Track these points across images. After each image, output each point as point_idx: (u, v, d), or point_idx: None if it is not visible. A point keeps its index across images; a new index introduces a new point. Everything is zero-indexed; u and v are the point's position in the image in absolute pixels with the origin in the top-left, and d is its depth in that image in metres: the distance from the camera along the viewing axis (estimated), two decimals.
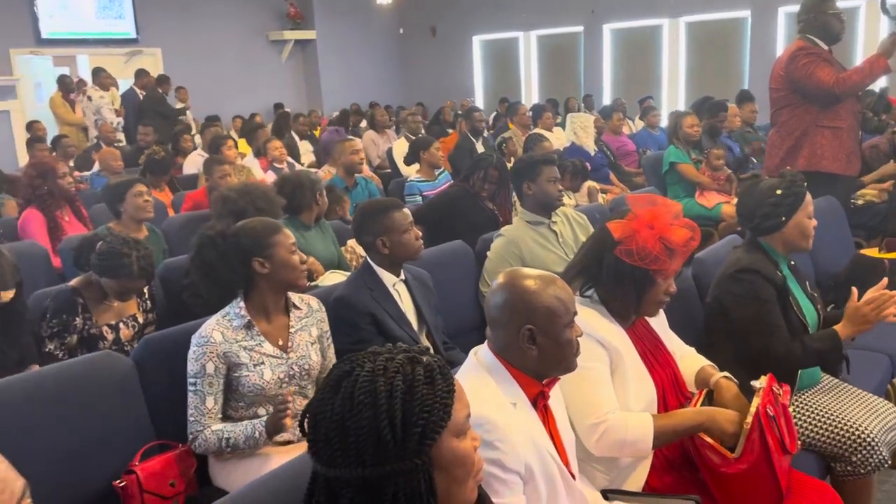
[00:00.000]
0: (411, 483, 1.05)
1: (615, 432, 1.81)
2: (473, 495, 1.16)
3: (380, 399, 1.04)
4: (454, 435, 1.10)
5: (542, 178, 3.20)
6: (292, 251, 2.21)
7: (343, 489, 1.05)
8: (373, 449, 1.03)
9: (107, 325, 2.70)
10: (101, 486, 2.05)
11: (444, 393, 1.08)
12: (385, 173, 6.75)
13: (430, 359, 1.12)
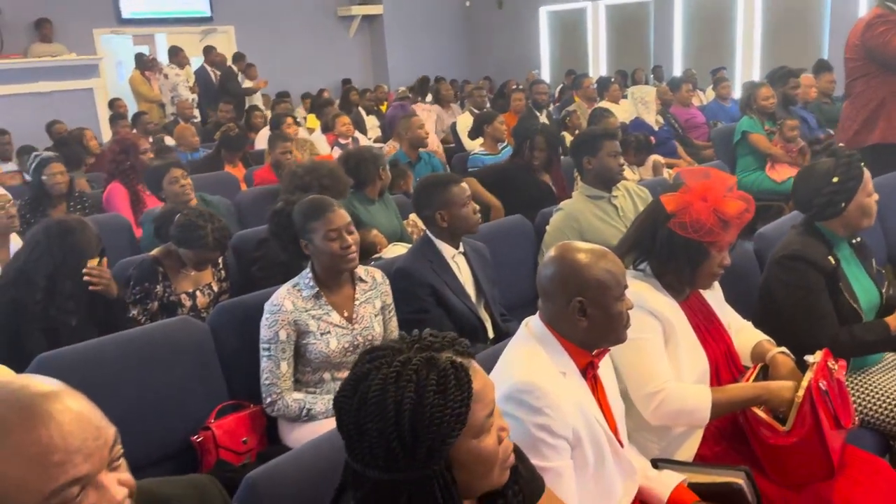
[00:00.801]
0: (424, 489, 1.06)
1: (673, 402, 1.83)
2: (501, 480, 1.17)
3: (388, 412, 1.04)
4: (473, 436, 1.10)
5: (602, 153, 3.20)
6: (332, 238, 2.22)
7: (362, 484, 1.10)
8: (384, 457, 1.05)
9: (185, 293, 2.87)
10: (180, 441, 2.22)
11: (457, 402, 1.06)
12: (449, 147, 6.80)
13: (448, 360, 1.10)
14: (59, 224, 2.54)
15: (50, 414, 0.87)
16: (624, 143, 4.89)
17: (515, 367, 1.55)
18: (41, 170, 4.01)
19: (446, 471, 1.08)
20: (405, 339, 1.15)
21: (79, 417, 0.89)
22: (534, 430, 1.47)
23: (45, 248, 2.48)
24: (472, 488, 1.13)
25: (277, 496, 1.42)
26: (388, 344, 1.16)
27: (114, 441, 0.92)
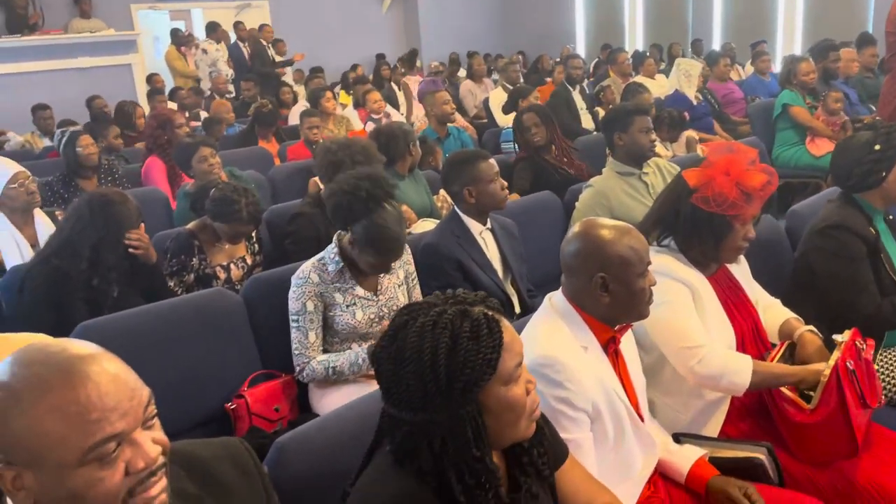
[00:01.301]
0: (457, 429, 1.13)
1: (715, 360, 1.82)
2: (529, 432, 1.23)
3: (425, 355, 1.12)
4: (502, 383, 1.16)
5: (633, 129, 3.17)
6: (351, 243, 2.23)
7: (400, 427, 1.16)
8: (420, 398, 1.13)
9: (219, 266, 2.94)
10: (214, 408, 2.30)
11: (489, 348, 1.13)
12: (481, 123, 6.79)
13: (482, 310, 1.17)
14: (101, 197, 2.61)
15: (88, 375, 0.92)
16: (657, 119, 4.85)
17: (537, 342, 1.58)
18: (73, 143, 4.11)
19: (478, 414, 1.14)
20: (439, 296, 1.22)
21: (115, 378, 0.94)
22: (554, 402, 1.50)
23: (88, 220, 2.55)
24: (501, 435, 1.19)
25: (305, 460, 1.47)
26: (424, 300, 1.23)
27: (148, 401, 0.98)
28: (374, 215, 2.16)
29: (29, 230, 3.18)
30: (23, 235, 3.14)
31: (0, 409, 0.90)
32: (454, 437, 1.13)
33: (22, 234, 3.14)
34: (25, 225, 3.18)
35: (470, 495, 1.14)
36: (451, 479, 1.13)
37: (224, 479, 1.14)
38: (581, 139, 4.94)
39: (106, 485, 0.91)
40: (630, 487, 1.63)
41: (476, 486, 1.14)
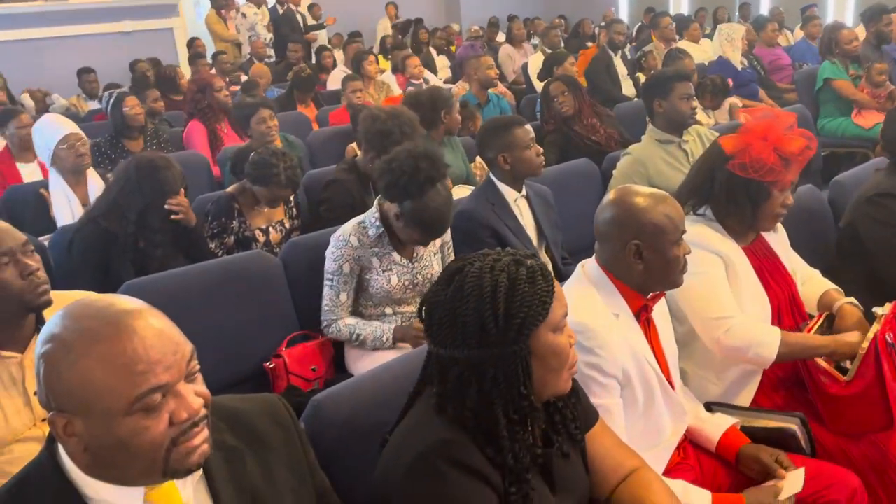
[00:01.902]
0: (509, 366, 1.19)
1: (741, 332, 1.82)
2: (567, 385, 1.28)
3: (485, 292, 1.18)
4: (551, 330, 1.22)
5: (674, 95, 3.12)
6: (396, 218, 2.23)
7: (451, 367, 1.21)
8: (477, 335, 1.18)
9: (258, 229, 3.00)
10: (253, 367, 2.37)
11: (544, 292, 1.20)
12: (519, 89, 6.72)
13: (534, 262, 1.24)
14: (148, 162, 2.67)
15: (134, 329, 0.96)
16: (700, 86, 4.74)
17: (569, 308, 1.58)
18: (120, 104, 4.19)
19: (527, 355, 1.20)
20: (489, 250, 1.28)
21: (160, 333, 0.98)
22: (584, 368, 1.52)
23: (135, 185, 2.61)
24: (543, 383, 1.24)
25: (340, 417, 1.52)
26: (475, 253, 1.28)
27: (190, 356, 1.02)
28: (426, 197, 2.15)
29: (81, 189, 3.28)
30: (75, 194, 3.24)
31: (52, 359, 0.95)
32: (505, 373, 1.19)
33: (74, 193, 3.24)
34: (78, 184, 3.29)
35: (511, 431, 1.20)
36: (497, 414, 1.18)
37: (263, 433, 1.19)
38: (621, 106, 4.86)
39: (151, 433, 0.96)
40: (659, 453, 1.64)
41: (519, 422, 1.20)
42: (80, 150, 3.25)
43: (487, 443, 1.20)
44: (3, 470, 1.66)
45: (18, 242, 1.63)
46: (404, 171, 2.16)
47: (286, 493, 1.16)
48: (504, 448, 1.19)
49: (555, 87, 3.95)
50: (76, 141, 3.24)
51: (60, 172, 3.25)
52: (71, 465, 1.00)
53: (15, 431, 1.65)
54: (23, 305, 1.63)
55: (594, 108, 4.12)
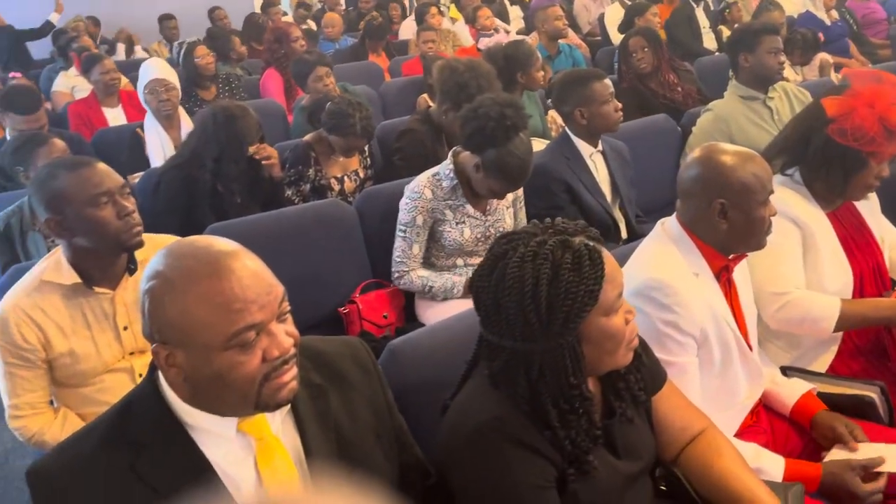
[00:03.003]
0: (556, 359, 1.15)
1: (797, 307, 1.80)
2: (626, 360, 1.24)
3: (526, 286, 1.13)
4: (603, 314, 1.17)
5: (761, 49, 2.99)
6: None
7: (498, 353, 1.20)
8: (521, 328, 1.14)
9: (334, 178, 3.05)
10: (328, 312, 2.44)
11: (591, 279, 1.13)
12: (595, 41, 6.53)
13: (583, 242, 1.16)
14: (224, 111, 2.74)
15: (231, 269, 1.00)
16: (789, 40, 4.52)
17: (647, 265, 1.58)
18: (191, 54, 4.28)
19: (577, 344, 1.16)
20: (538, 226, 1.22)
21: (254, 274, 1.02)
22: (661, 325, 1.51)
23: (212, 133, 2.69)
24: (598, 363, 1.21)
25: (415, 364, 1.56)
26: (523, 229, 1.23)
27: (282, 297, 1.06)
28: (511, 144, 2.14)
29: (174, 132, 3.41)
30: (168, 136, 3.37)
31: (156, 294, 1.00)
32: (552, 367, 1.15)
33: (168, 135, 3.37)
34: (171, 127, 3.42)
35: (564, 420, 1.17)
36: (547, 405, 1.16)
37: (345, 373, 1.23)
38: (701, 60, 4.68)
39: (245, 368, 1.01)
40: (732, 415, 1.63)
41: (570, 412, 1.17)
42: (161, 95, 3.36)
43: (544, 426, 1.18)
44: (96, 398, 1.78)
45: (117, 184, 1.69)
46: (490, 118, 2.14)
47: (367, 430, 1.21)
48: (559, 435, 1.17)
49: (634, 41, 3.77)
50: (158, 86, 3.35)
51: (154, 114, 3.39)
52: (171, 393, 1.07)
53: (106, 363, 1.76)
54: (118, 245, 1.71)
55: (672, 63, 3.97)
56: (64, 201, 1.64)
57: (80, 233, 1.66)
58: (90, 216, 1.64)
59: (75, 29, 6.01)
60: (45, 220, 1.66)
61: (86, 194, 1.64)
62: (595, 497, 1.21)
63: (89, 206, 1.64)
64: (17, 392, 1.71)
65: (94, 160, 1.72)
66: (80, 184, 1.64)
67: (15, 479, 2.62)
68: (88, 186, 1.64)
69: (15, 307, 1.67)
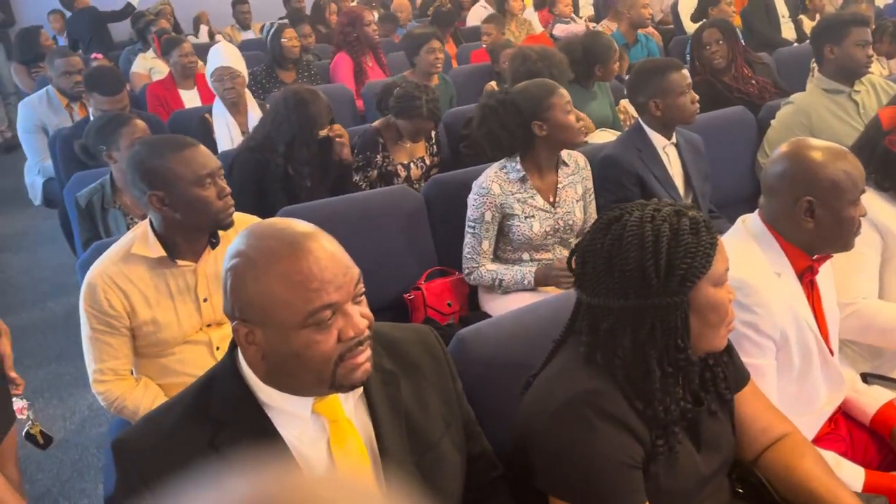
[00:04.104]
0: (669, 318, 1.15)
1: (863, 317, 1.75)
2: (723, 342, 1.23)
3: (647, 241, 1.14)
4: (712, 284, 1.17)
5: (848, 41, 2.87)
6: (568, 111, 2.30)
7: (605, 316, 1.19)
8: (637, 284, 1.15)
9: (401, 164, 3.06)
10: (394, 297, 2.46)
11: (708, 244, 1.15)
12: (667, 29, 6.37)
13: (696, 213, 1.19)
14: (295, 95, 2.77)
15: (310, 249, 1.02)
16: (878, 30, 4.30)
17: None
18: (279, 35, 4.34)
19: (687, 308, 1.16)
20: (644, 202, 1.24)
21: (332, 255, 1.04)
22: (740, 326, 1.46)
23: (283, 116, 2.73)
24: (699, 338, 1.20)
25: (483, 353, 1.55)
26: (631, 203, 1.24)
27: (358, 279, 1.07)
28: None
29: (241, 117, 3.48)
30: (235, 121, 3.45)
31: (238, 273, 1.02)
32: (663, 325, 1.16)
33: (234, 120, 3.45)
34: (238, 113, 3.49)
35: (665, 384, 1.17)
36: (652, 365, 1.16)
37: (416, 360, 1.24)
38: (780, 51, 4.51)
39: (322, 347, 1.02)
40: (810, 421, 1.58)
41: (672, 375, 1.17)
42: (226, 83, 3.42)
43: (637, 395, 1.18)
44: (175, 368, 1.84)
45: (217, 166, 1.76)
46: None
47: (436, 418, 1.21)
48: (655, 400, 1.17)
49: (709, 33, 3.61)
50: (224, 74, 3.41)
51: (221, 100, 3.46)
52: (249, 372, 1.09)
53: (185, 333, 1.82)
54: (214, 223, 1.77)
55: (747, 55, 3.83)
56: (170, 179, 1.70)
57: (180, 209, 1.73)
58: (195, 195, 1.71)
59: (160, 12, 6.17)
60: (149, 196, 1.72)
61: (193, 174, 1.70)
62: (674, 483, 1.21)
63: (195, 186, 1.71)
64: (102, 357, 1.78)
65: (196, 142, 1.77)
66: (188, 164, 1.70)
67: (90, 445, 2.74)
68: (195, 167, 1.71)
69: (102, 274, 1.75)
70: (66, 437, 2.79)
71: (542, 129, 2.29)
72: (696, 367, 1.22)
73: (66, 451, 2.71)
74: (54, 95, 4.05)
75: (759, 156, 3.09)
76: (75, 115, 4.04)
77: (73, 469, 2.62)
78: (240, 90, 3.48)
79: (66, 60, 3.99)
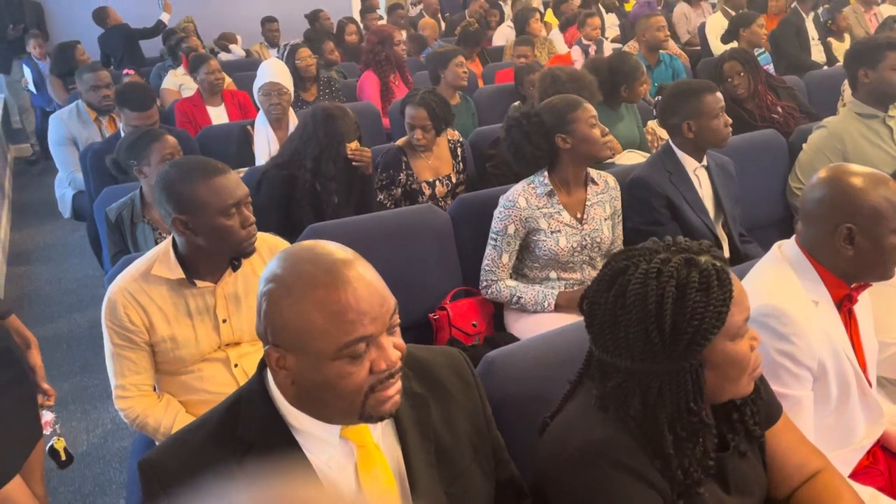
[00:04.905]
0: (677, 381, 1.09)
1: None
2: (748, 389, 1.16)
3: (650, 303, 1.07)
4: (728, 338, 1.10)
5: (883, 65, 2.83)
6: (592, 125, 2.29)
7: (612, 374, 1.13)
8: (641, 347, 1.08)
9: (425, 182, 3.06)
10: (419, 317, 2.44)
11: (720, 301, 1.07)
12: (694, 50, 6.35)
13: (710, 262, 1.10)
14: (324, 111, 2.78)
15: (348, 279, 1.00)
16: None
17: (763, 290, 1.49)
18: (293, 56, 4.39)
19: (699, 368, 1.09)
20: (658, 243, 1.16)
21: (369, 285, 1.02)
22: (776, 355, 1.43)
23: (311, 132, 2.74)
24: (719, 391, 1.14)
25: (511, 377, 1.53)
26: (642, 245, 1.17)
27: (394, 310, 1.05)
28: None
29: (282, 133, 3.53)
30: (275, 135, 3.49)
31: (274, 297, 1.01)
32: (672, 390, 1.09)
33: (275, 134, 3.49)
34: (279, 128, 3.53)
35: (679, 447, 1.10)
36: (663, 430, 1.09)
37: (446, 383, 1.21)
38: (810, 74, 4.47)
39: (354, 379, 1.00)
40: (847, 455, 1.53)
41: (687, 439, 1.11)
42: (272, 99, 3.48)
43: (654, 453, 1.11)
44: (194, 385, 1.84)
45: (244, 194, 1.74)
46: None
47: (465, 443, 1.19)
48: (671, 463, 1.10)
49: (730, 66, 3.59)
50: (272, 89, 3.48)
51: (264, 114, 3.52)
52: (278, 394, 1.07)
53: (203, 351, 1.82)
54: (235, 251, 1.77)
55: (770, 80, 3.79)
56: (197, 205, 1.69)
57: (203, 235, 1.72)
58: (220, 224, 1.70)
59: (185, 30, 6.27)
60: (173, 219, 1.72)
61: (220, 204, 1.69)
62: None
63: (221, 216, 1.70)
64: (123, 373, 1.78)
65: (227, 168, 1.75)
66: (216, 193, 1.69)
67: (113, 459, 2.74)
68: (224, 196, 1.69)
69: (122, 290, 1.76)
70: (88, 451, 2.80)
71: (565, 142, 2.28)
72: (711, 428, 1.14)
73: (88, 464, 2.72)
74: (84, 109, 4.11)
75: (791, 180, 3.05)
76: (104, 128, 4.11)
77: (95, 483, 2.62)
78: (285, 106, 3.55)
79: (96, 75, 4.05)
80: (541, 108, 2.36)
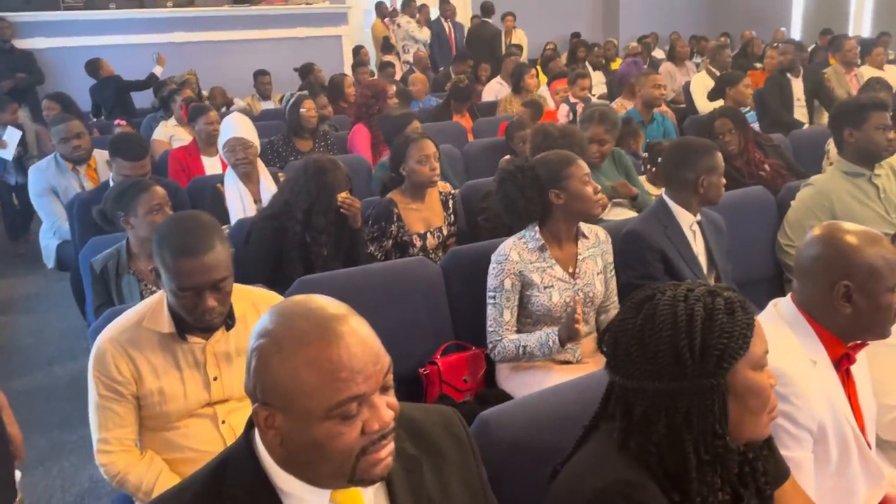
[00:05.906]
0: (704, 401, 1.11)
1: None
2: (766, 431, 1.18)
3: (680, 321, 1.11)
4: (751, 367, 1.13)
5: (868, 125, 2.88)
6: (586, 182, 2.29)
7: (638, 399, 1.14)
8: (671, 365, 1.11)
9: (416, 234, 3.05)
10: (408, 372, 2.39)
11: (744, 324, 1.11)
12: (678, 108, 6.47)
13: (731, 294, 1.16)
14: (315, 163, 2.78)
15: (341, 335, 0.97)
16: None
17: None
18: (298, 105, 4.42)
19: (725, 391, 1.11)
20: (674, 283, 1.21)
21: (363, 342, 0.99)
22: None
23: (303, 184, 2.73)
24: (740, 425, 1.15)
25: (507, 436, 1.49)
26: (665, 283, 1.21)
27: (388, 369, 1.02)
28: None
29: (253, 186, 3.48)
30: (247, 190, 3.45)
31: (264, 353, 0.98)
32: (699, 409, 1.11)
33: (247, 189, 3.45)
34: (249, 182, 3.49)
35: (701, 472, 1.11)
36: (688, 452, 1.11)
37: (440, 444, 1.18)
38: (796, 133, 4.57)
39: (345, 440, 0.96)
40: None
41: (710, 464, 1.12)
42: (238, 154, 3.42)
43: (672, 486, 1.12)
44: (180, 443, 1.78)
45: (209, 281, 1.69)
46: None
47: None
48: (692, 490, 1.10)
49: (720, 123, 3.65)
50: (236, 145, 3.42)
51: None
52: (266, 456, 1.03)
53: (190, 407, 1.78)
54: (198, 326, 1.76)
55: (757, 138, 3.86)
56: (164, 272, 1.70)
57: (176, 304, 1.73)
58: (176, 298, 1.70)
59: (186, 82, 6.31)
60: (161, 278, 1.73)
61: (177, 283, 1.68)
62: None
63: (179, 290, 1.69)
64: (107, 426, 1.73)
65: (204, 248, 1.68)
66: (175, 272, 1.68)
67: None
68: (181, 278, 1.68)
69: (112, 340, 1.72)
70: None
71: (558, 198, 2.28)
72: (735, 456, 1.15)
73: None
74: (61, 159, 4.10)
75: (780, 237, 3.06)
76: (82, 177, 4.10)
77: None
78: (252, 160, 3.48)
79: (66, 126, 4.04)
80: (535, 161, 2.37)
